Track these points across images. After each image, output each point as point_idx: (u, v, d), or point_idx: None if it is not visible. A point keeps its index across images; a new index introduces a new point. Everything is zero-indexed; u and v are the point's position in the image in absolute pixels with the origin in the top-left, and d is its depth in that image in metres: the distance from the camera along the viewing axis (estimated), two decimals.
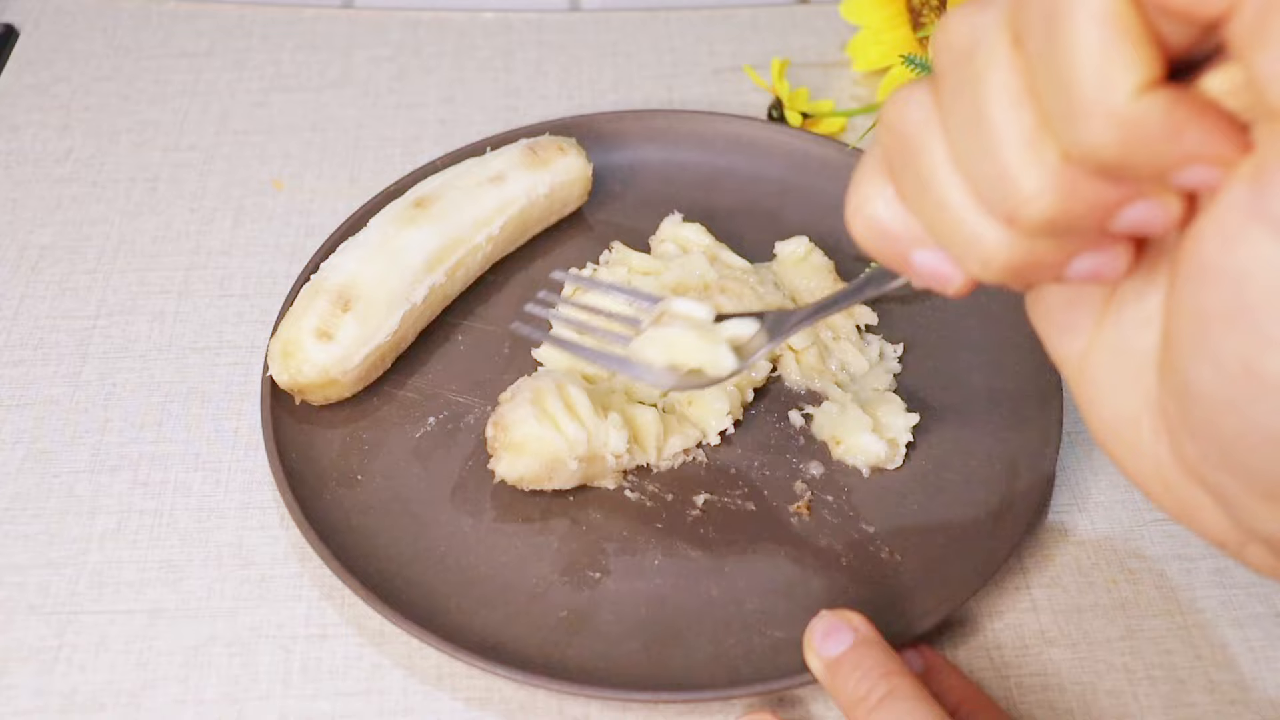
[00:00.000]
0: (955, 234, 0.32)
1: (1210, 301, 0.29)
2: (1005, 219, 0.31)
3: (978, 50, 0.30)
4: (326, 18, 0.85)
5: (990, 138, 0.30)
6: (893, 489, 0.56)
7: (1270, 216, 0.27)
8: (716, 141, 0.71)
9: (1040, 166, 0.29)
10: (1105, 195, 0.29)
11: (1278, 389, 0.29)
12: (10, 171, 0.74)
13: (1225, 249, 0.28)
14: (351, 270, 0.58)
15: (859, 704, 0.45)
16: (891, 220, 0.34)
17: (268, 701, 0.50)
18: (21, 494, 0.57)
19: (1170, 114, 0.27)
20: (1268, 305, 0.28)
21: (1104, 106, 0.28)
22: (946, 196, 0.32)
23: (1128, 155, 0.28)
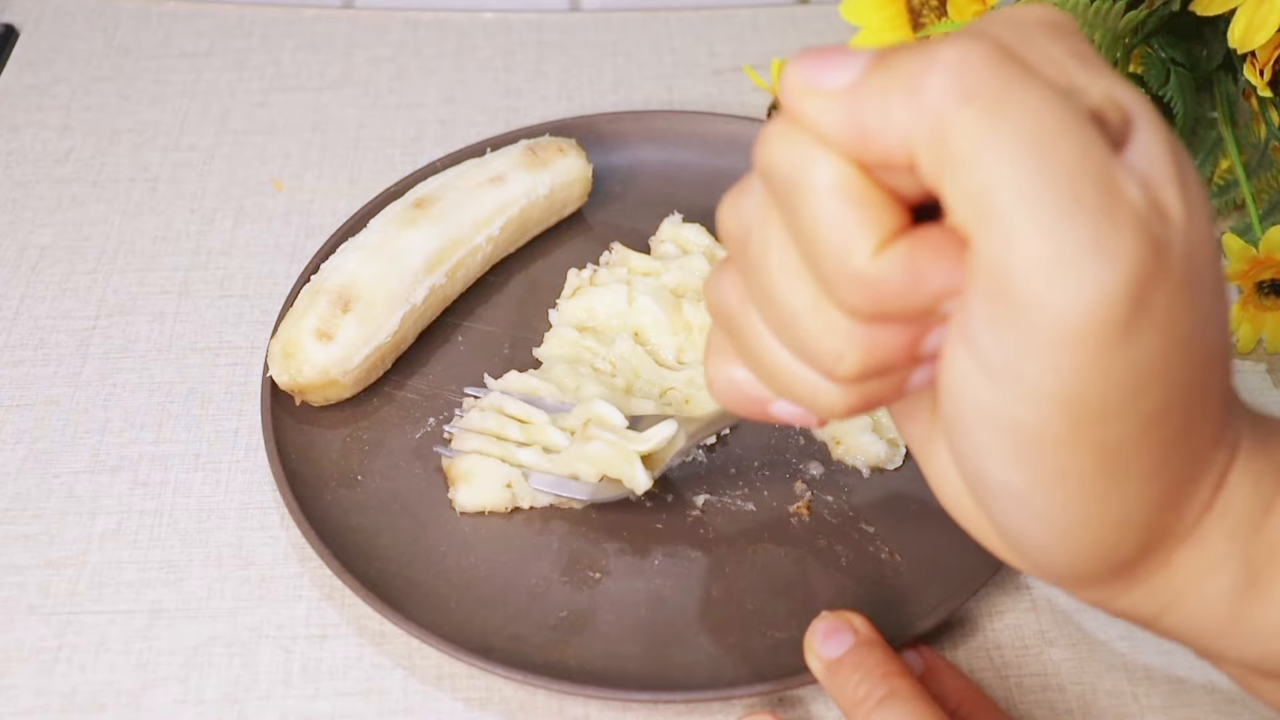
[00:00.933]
0: (795, 392, 0.34)
1: (944, 413, 0.32)
2: (828, 376, 0.33)
3: (751, 236, 0.33)
4: (326, 18, 0.85)
5: (785, 312, 0.32)
6: (893, 489, 0.56)
7: (966, 338, 0.29)
8: (716, 142, 0.71)
9: (833, 329, 0.31)
10: (900, 337, 0.31)
11: (1003, 494, 0.32)
12: (10, 171, 0.74)
13: (946, 365, 0.31)
14: (352, 271, 0.58)
15: (859, 705, 0.45)
16: (744, 383, 0.36)
17: (268, 701, 0.50)
18: (22, 494, 0.57)
19: (908, 266, 0.29)
20: (974, 421, 0.31)
21: (848, 273, 0.29)
22: (776, 363, 0.34)
23: (886, 307, 0.30)
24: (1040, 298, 0.27)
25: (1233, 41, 0.55)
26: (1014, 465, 0.31)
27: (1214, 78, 0.62)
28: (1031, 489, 0.31)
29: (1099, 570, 0.34)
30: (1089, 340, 0.27)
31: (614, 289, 0.61)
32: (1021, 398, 0.29)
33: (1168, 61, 0.61)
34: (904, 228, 0.29)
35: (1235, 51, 0.56)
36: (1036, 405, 0.29)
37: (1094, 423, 0.29)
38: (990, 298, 0.28)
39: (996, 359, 0.29)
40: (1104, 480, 0.30)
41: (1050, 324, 0.27)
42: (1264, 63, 0.56)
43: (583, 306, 0.61)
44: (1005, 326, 0.28)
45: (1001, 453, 0.31)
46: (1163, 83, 0.61)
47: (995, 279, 0.28)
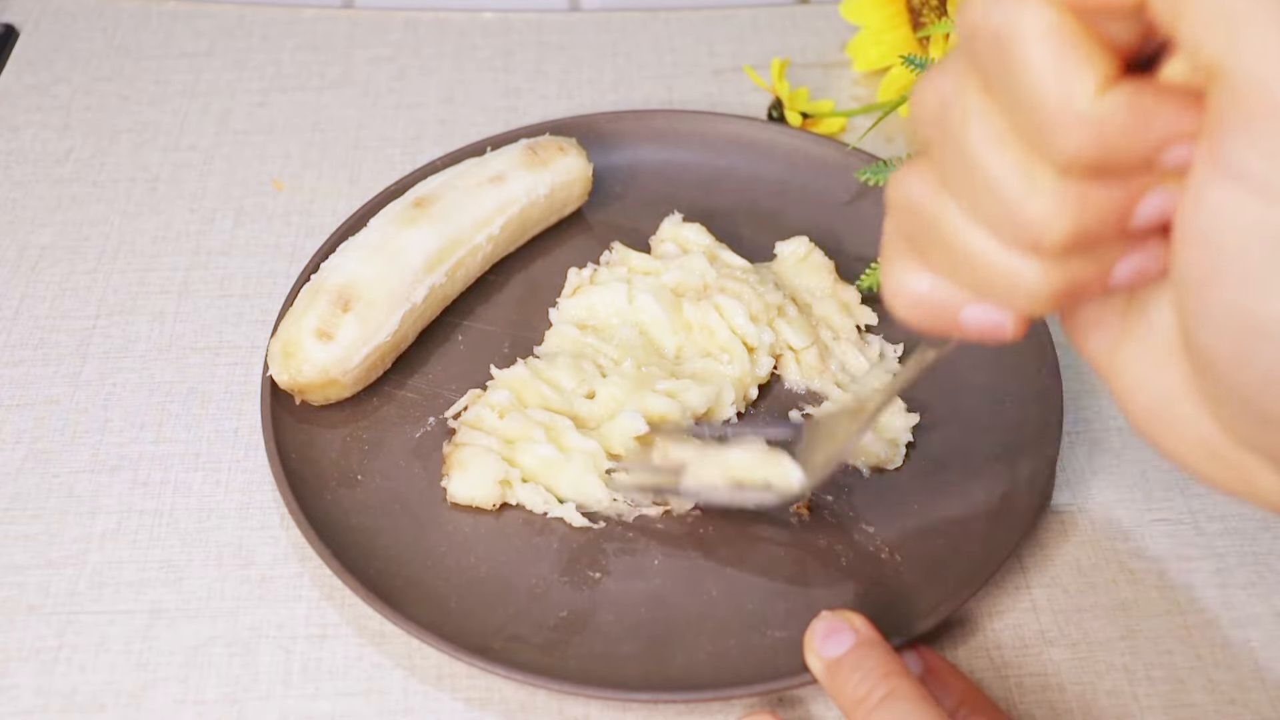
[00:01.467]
0: (994, 281, 0.33)
1: (1196, 264, 0.30)
2: (1033, 250, 0.32)
3: (950, 110, 0.32)
4: (326, 18, 0.85)
5: (989, 182, 0.31)
6: (893, 489, 0.56)
7: (1228, 168, 0.28)
8: (716, 141, 0.71)
9: (1042, 191, 0.30)
10: (1113, 198, 0.30)
11: (1273, 332, 0.30)
12: (10, 171, 0.74)
13: (1197, 210, 0.29)
14: (351, 270, 0.58)
15: (859, 705, 0.45)
16: (930, 291, 0.35)
17: (268, 701, 0.50)
18: (22, 494, 0.57)
19: (1133, 106, 0.29)
20: (1244, 254, 0.29)
21: (1071, 115, 0.29)
22: (974, 250, 0.33)
23: (1109, 153, 0.29)
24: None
25: None
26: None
27: None
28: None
29: None
30: None
31: (614, 287, 0.61)
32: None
33: None
34: (1121, 72, 0.29)
35: None
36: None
37: None
38: (1254, 116, 0.27)
39: (1276, 177, 0.27)
40: None
41: None
42: None
43: (583, 305, 0.61)
44: (1277, 139, 0.27)
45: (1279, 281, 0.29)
46: None
47: (1259, 94, 0.27)
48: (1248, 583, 0.54)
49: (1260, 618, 0.52)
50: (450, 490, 0.55)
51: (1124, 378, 0.35)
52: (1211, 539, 0.55)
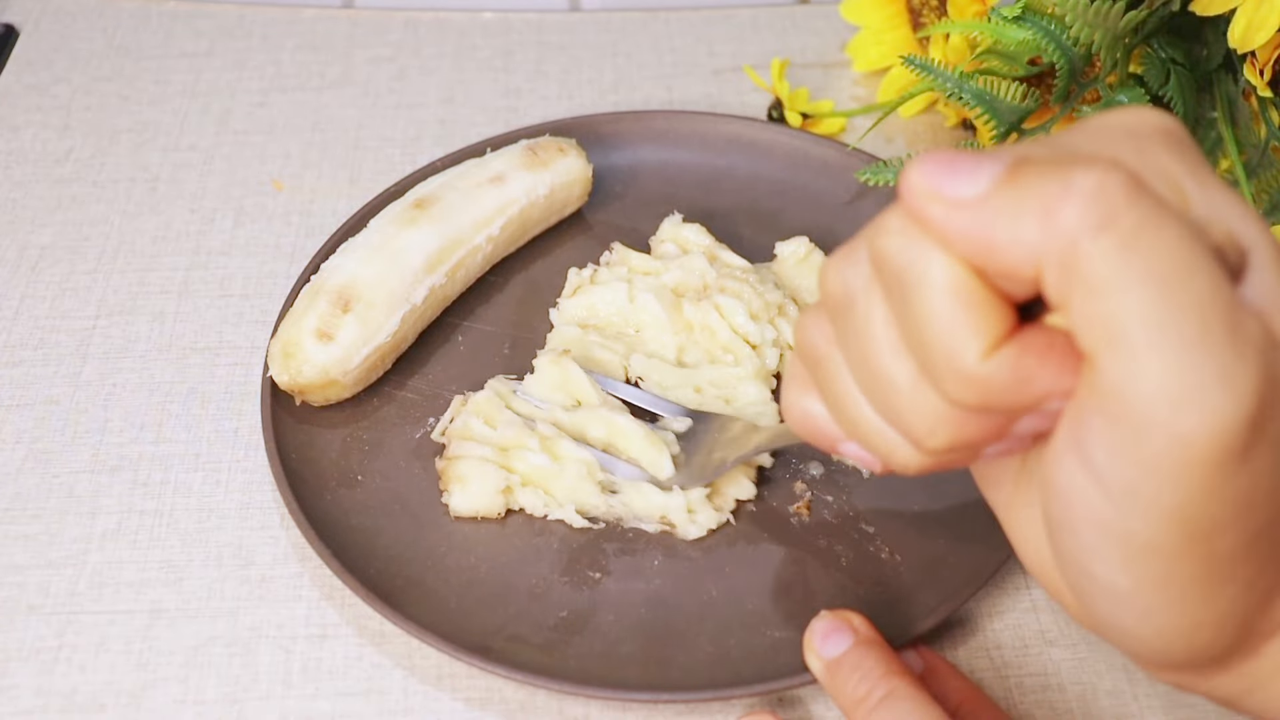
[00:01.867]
0: (872, 444, 0.36)
1: (1050, 511, 0.33)
2: (912, 444, 0.34)
3: (855, 303, 0.34)
4: (326, 18, 0.85)
5: (881, 381, 0.33)
6: (893, 489, 0.56)
7: (1080, 449, 0.31)
8: (716, 142, 0.71)
9: (929, 408, 0.33)
10: (995, 422, 0.33)
11: (1107, 592, 0.33)
12: (10, 171, 0.74)
13: (1054, 470, 0.32)
14: (352, 271, 0.58)
15: (859, 705, 0.45)
16: (819, 417, 0.38)
17: (268, 702, 0.50)
18: (22, 494, 0.57)
19: (1017, 368, 0.31)
20: (1083, 526, 0.32)
21: (957, 371, 0.31)
22: (859, 414, 0.35)
23: (990, 404, 0.31)
24: (1164, 425, 0.28)
25: (1233, 41, 0.55)
26: (1121, 569, 0.32)
27: (1214, 78, 0.62)
28: (1136, 591, 0.32)
29: (1191, 661, 0.35)
30: (1209, 465, 0.29)
31: (615, 287, 0.61)
32: (1135, 512, 0.30)
33: (1168, 61, 0.61)
34: (1013, 329, 0.31)
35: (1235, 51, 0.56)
36: (1150, 520, 0.30)
37: (1205, 537, 0.30)
38: (1110, 418, 0.29)
39: (1113, 476, 0.30)
40: (1209, 586, 0.32)
41: (1172, 449, 0.29)
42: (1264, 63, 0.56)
43: (584, 304, 0.61)
44: (1124, 447, 0.29)
45: (1109, 556, 0.32)
46: (1163, 83, 0.61)
47: (1117, 401, 0.29)
48: None
49: None
50: (452, 505, 0.55)
51: (1012, 531, 0.38)
52: None
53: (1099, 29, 0.57)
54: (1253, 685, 0.36)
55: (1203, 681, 0.36)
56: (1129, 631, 0.34)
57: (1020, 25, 0.59)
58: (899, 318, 0.32)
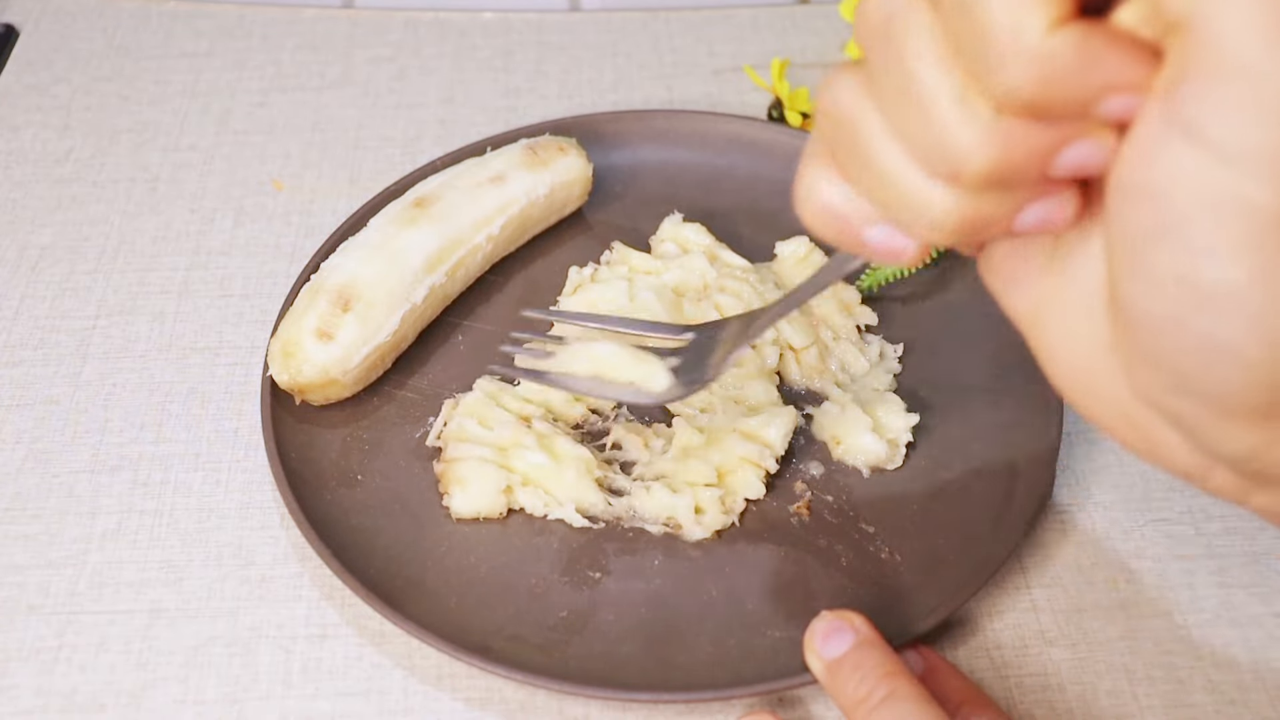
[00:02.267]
0: (903, 203, 0.33)
1: (1138, 221, 0.30)
2: (949, 178, 0.31)
3: (894, 21, 0.31)
4: (326, 18, 0.85)
5: (923, 102, 0.31)
6: (893, 489, 0.56)
7: (1184, 125, 0.28)
8: (716, 141, 0.71)
9: (975, 121, 0.30)
10: (1041, 140, 0.30)
11: (1213, 298, 0.30)
12: (10, 171, 0.74)
13: (1145, 166, 0.29)
14: (351, 270, 0.58)
15: (859, 705, 0.45)
16: (839, 203, 0.35)
17: (268, 701, 0.50)
18: (22, 494, 0.57)
19: (1083, 47, 0.28)
20: (1192, 215, 0.29)
21: (1019, 48, 0.29)
22: (889, 168, 0.32)
23: (1050, 92, 0.29)
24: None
25: None
26: (1240, 255, 0.29)
27: None
28: (1251, 285, 0.29)
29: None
30: None
31: (616, 285, 0.61)
32: (1260, 175, 0.28)
33: None
34: (1076, 12, 0.29)
35: None
36: (1277, 181, 0.28)
37: None
38: (1219, 76, 0.27)
39: (1231, 138, 0.28)
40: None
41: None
42: None
43: (584, 302, 0.61)
44: (1241, 102, 0.27)
45: (1225, 245, 0.29)
46: None
47: (1226, 54, 0.27)
48: (1248, 583, 0.54)
49: (1260, 618, 0.52)
50: (454, 508, 0.55)
51: (1046, 336, 0.35)
52: (1211, 539, 0.55)
53: None
54: None
55: (1276, 445, 0.33)
56: (1227, 353, 0.31)
57: None
58: (950, 19, 0.30)
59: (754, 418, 0.56)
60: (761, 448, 0.55)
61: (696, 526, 0.54)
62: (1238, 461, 0.34)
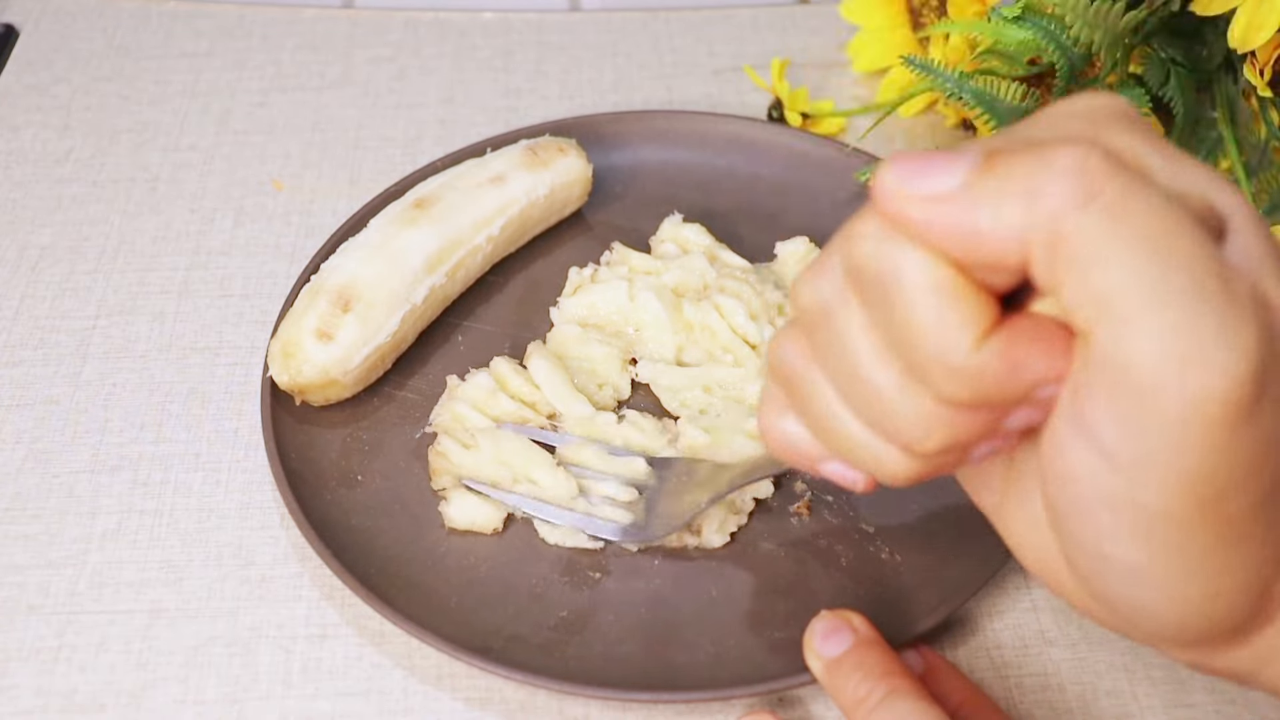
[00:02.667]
0: (858, 458, 0.35)
1: (1057, 498, 0.33)
2: (902, 449, 0.34)
3: (832, 314, 0.33)
4: (326, 18, 0.85)
5: (866, 391, 0.33)
6: (893, 489, 0.56)
7: (1085, 430, 0.31)
8: (716, 142, 0.71)
9: (919, 410, 0.32)
10: (988, 417, 0.33)
11: (1124, 569, 0.33)
12: (10, 171, 0.74)
13: (1058, 456, 0.32)
14: (352, 271, 0.58)
15: (859, 705, 0.45)
16: (799, 438, 0.38)
17: (268, 701, 0.50)
18: (21, 494, 0.57)
19: (1008, 356, 0.31)
20: (1095, 506, 0.32)
21: (948, 367, 0.31)
22: (842, 429, 0.35)
23: (983, 397, 0.31)
24: (1170, 388, 0.28)
25: (1233, 42, 0.55)
26: (1136, 543, 0.32)
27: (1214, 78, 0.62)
28: (1152, 564, 0.32)
29: (1209, 633, 0.35)
30: (1217, 425, 0.29)
31: (615, 285, 0.61)
32: (1147, 482, 0.30)
33: (1168, 61, 0.61)
34: (999, 319, 0.31)
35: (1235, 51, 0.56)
36: (1163, 489, 0.30)
37: (1218, 500, 0.30)
38: (1113, 390, 0.29)
39: (1121, 449, 0.30)
40: (1223, 551, 0.32)
41: (1180, 412, 0.29)
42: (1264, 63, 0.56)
43: (584, 303, 0.61)
44: (1130, 417, 0.29)
45: (1123, 533, 0.32)
46: (1163, 83, 0.61)
47: (1119, 371, 0.29)
48: None
49: None
50: (449, 516, 0.54)
51: (1009, 534, 0.38)
52: None
53: (1099, 29, 0.57)
54: (1269, 656, 0.35)
55: (1219, 657, 0.36)
56: (1145, 609, 0.34)
57: (1020, 25, 0.59)
58: (880, 323, 0.32)
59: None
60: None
61: (715, 534, 0.54)
62: (1185, 664, 0.37)
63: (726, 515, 0.54)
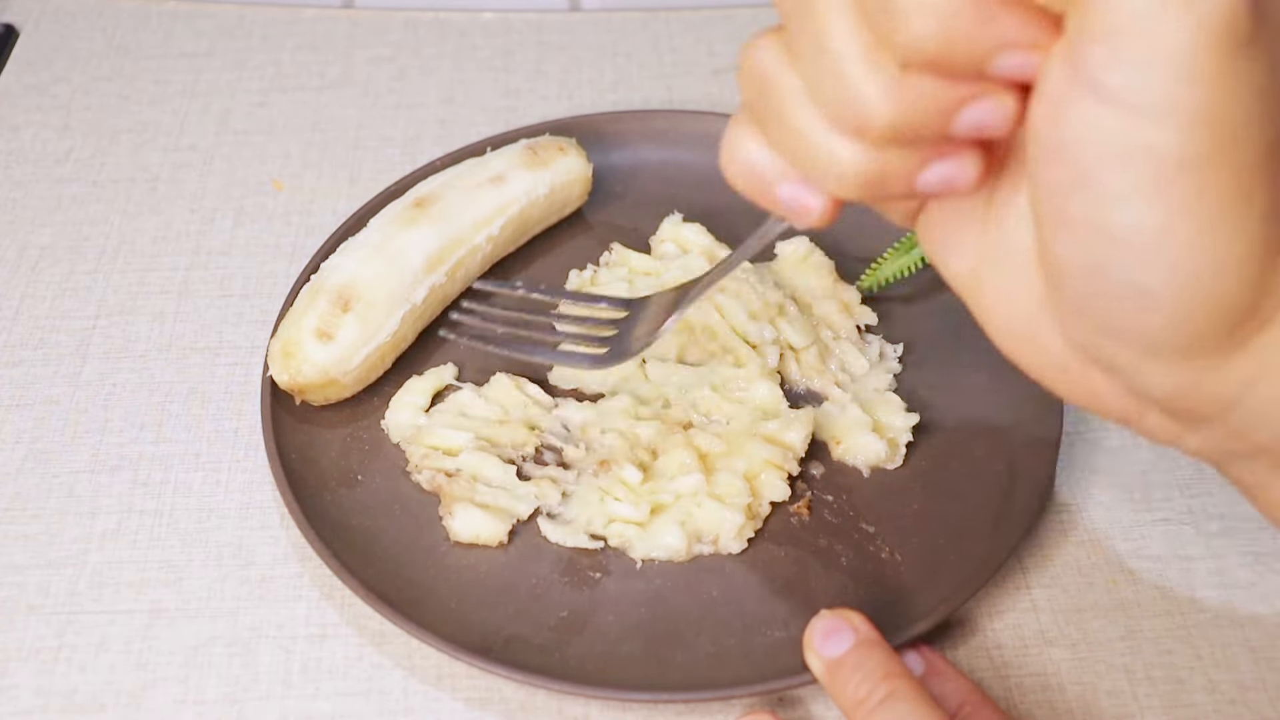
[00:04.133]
0: (812, 157, 0.35)
1: (1055, 175, 0.32)
2: (855, 132, 0.33)
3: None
4: (326, 18, 0.85)
5: (833, 61, 0.33)
6: (893, 489, 0.56)
7: (1088, 82, 0.30)
8: (716, 141, 0.69)
9: (880, 78, 0.32)
10: (943, 97, 0.32)
11: (1129, 243, 0.32)
12: (10, 171, 0.74)
13: (1056, 122, 0.31)
14: (352, 270, 0.58)
15: (859, 705, 0.45)
16: (758, 161, 0.37)
17: (268, 701, 0.50)
18: (22, 494, 0.57)
19: (981, 3, 0.30)
20: (1103, 165, 0.31)
21: (921, 4, 0.30)
22: (802, 125, 0.34)
23: (951, 48, 0.31)
24: (1171, 20, 0.29)
25: None
26: (1151, 200, 0.31)
27: None
28: (1167, 224, 0.31)
29: (1210, 328, 0.34)
30: (1220, 52, 0.29)
31: (615, 287, 0.61)
32: (1163, 123, 0.30)
33: None
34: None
35: None
36: (1179, 127, 0.30)
37: (1231, 140, 0.30)
38: (1115, 31, 0.29)
39: (1130, 90, 0.30)
40: (1237, 205, 0.31)
41: (1182, 43, 0.29)
42: None
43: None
44: (1136, 57, 0.29)
45: (1139, 191, 0.31)
46: None
47: (1119, 10, 0.29)
48: (1248, 583, 0.54)
49: (1260, 618, 0.52)
50: (453, 530, 0.54)
51: (984, 299, 0.37)
52: (1211, 539, 0.55)
53: None
54: (1259, 373, 0.34)
55: (1211, 376, 0.35)
56: (1149, 302, 0.33)
57: None
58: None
59: (773, 422, 0.56)
60: (784, 450, 0.55)
61: (733, 542, 0.54)
62: (1166, 401, 0.36)
63: (745, 522, 0.54)
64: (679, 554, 0.53)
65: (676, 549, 0.53)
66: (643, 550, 0.53)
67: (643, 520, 0.53)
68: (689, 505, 0.54)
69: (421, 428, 0.57)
